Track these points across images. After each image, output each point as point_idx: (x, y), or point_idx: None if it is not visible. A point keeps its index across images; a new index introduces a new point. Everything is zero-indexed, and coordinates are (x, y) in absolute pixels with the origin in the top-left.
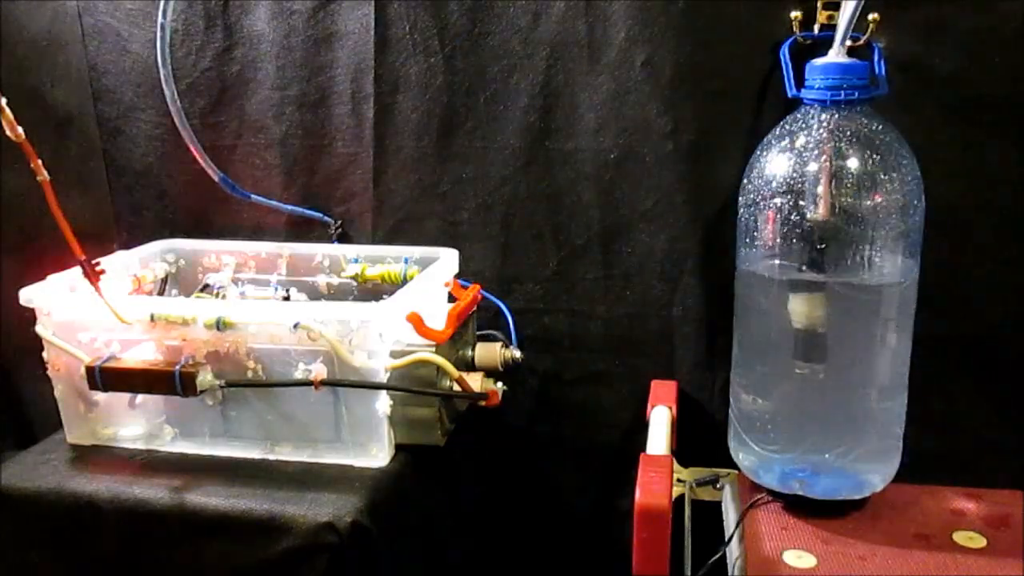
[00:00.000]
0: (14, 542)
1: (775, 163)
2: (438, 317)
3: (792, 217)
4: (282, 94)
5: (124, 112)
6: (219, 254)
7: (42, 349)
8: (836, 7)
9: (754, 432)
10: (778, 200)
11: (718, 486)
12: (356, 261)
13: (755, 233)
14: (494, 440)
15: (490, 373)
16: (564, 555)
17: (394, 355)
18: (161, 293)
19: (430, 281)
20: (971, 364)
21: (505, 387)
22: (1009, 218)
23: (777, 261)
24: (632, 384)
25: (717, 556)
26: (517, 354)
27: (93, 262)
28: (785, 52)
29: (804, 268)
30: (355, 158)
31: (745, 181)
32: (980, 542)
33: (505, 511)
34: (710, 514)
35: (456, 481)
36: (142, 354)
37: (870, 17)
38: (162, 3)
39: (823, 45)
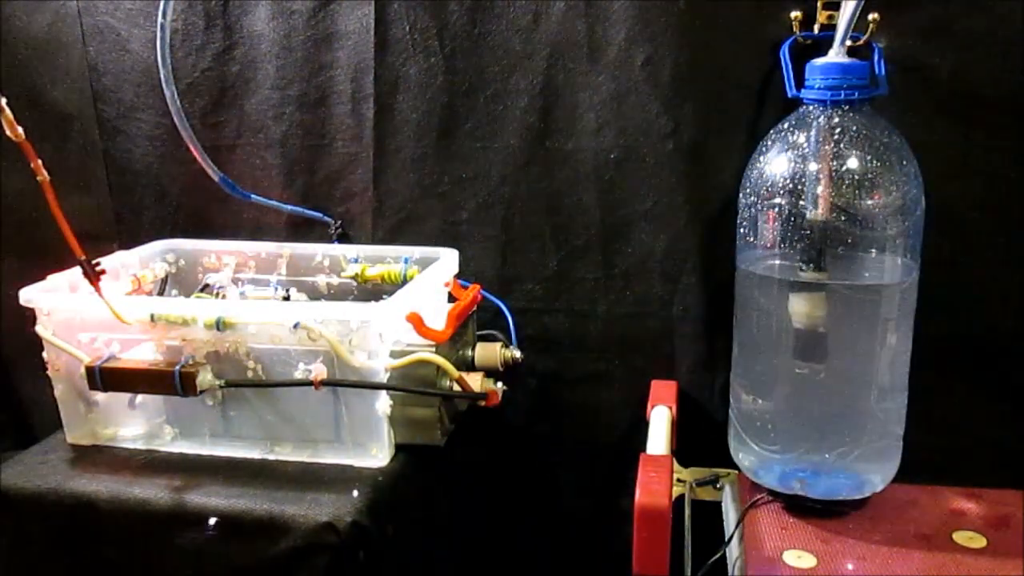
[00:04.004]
0: (14, 542)
1: (775, 163)
2: (438, 317)
3: (792, 217)
4: (282, 94)
5: (124, 112)
6: (219, 254)
7: (42, 349)
8: (836, 7)
9: (754, 432)
10: (778, 200)
11: (718, 486)
12: (356, 261)
13: (755, 233)
14: (494, 440)
15: (490, 373)
16: (564, 555)
17: (394, 355)
18: (161, 293)
19: (430, 281)
20: (971, 364)
21: (505, 387)
22: (1009, 218)
23: (777, 261)
24: (632, 384)
25: (717, 556)
26: (517, 354)
27: (93, 262)
28: (785, 52)
29: (804, 268)
30: (355, 158)
31: (745, 181)
32: (980, 542)
33: (505, 511)
34: (710, 514)
35: (456, 481)
36: (142, 354)
37: (870, 17)
38: (162, 3)
39: (823, 45)
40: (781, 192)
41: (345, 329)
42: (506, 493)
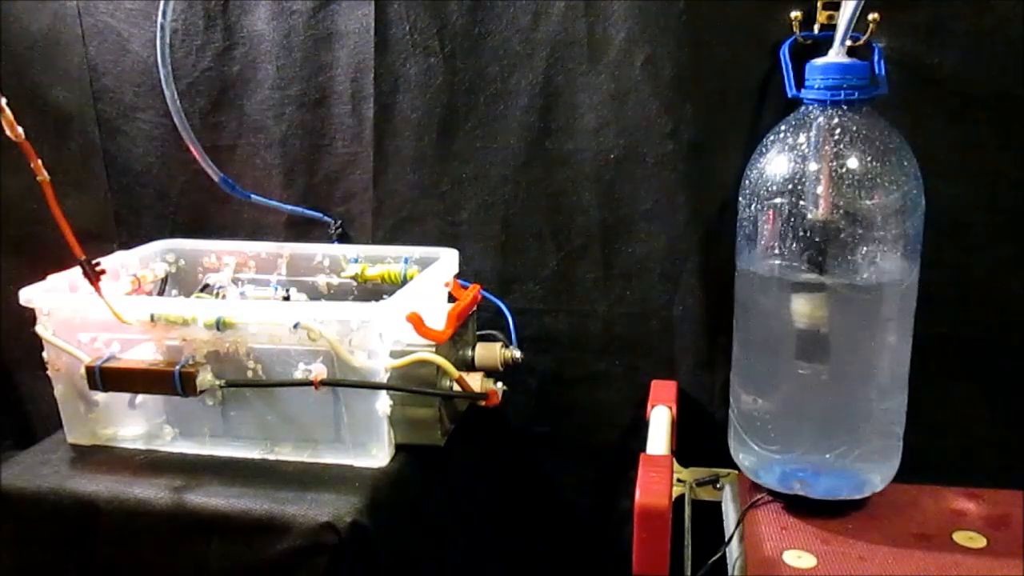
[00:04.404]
0: (14, 542)
1: (775, 163)
2: (438, 317)
3: (792, 217)
4: (282, 94)
5: (124, 112)
6: (219, 254)
7: (42, 349)
8: (836, 7)
9: (754, 432)
10: (778, 200)
11: (718, 486)
12: (356, 261)
13: (755, 233)
14: (494, 440)
15: (490, 373)
16: (564, 555)
17: (394, 355)
18: (161, 293)
19: (430, 281)
20: (971, 364)
21: (505, 387)
22: (1009, 218)
23: (777, 261)
24: (632, 384)
25: (717, 556)
26: (517, 354)
27: (93, 262)
28: (785, 52)
29: (804, 268)
30: (355, 158)
31: (745, 181)
32: (980, 542)
33: (505, 511)
34: (710, 514)
35: (456, 481)
36: (142, 354)
37: (870, 17)
38: (162, 3)
39: (823, 45)
40: (781, 192)
41: (345, 329)
42: (506, 493)
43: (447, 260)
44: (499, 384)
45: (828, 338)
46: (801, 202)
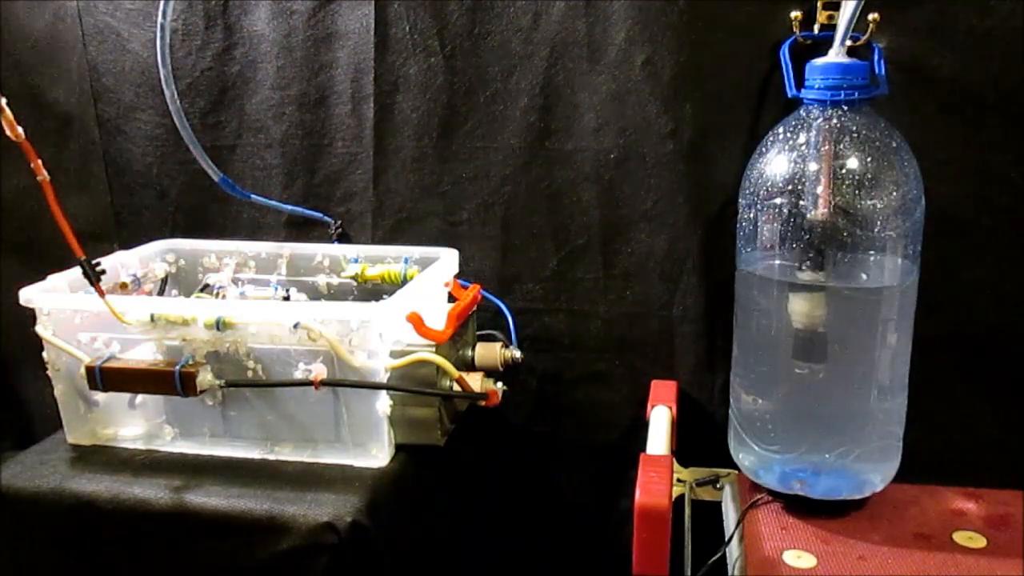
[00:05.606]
0: (14, 542)
1: (775, 163)
2: (438, 317)
3: (792, 217)
4: (282, 94)
5: (124, 112)
6: (219, 254)
7: (42, 349)
8: (836, 7)
9: (754, 432)
10: (778, 200)
11: (718, 486)
12: (356, 261)
13: (755, 233)
14: (494, 440)
15: (490, 373)
16: (564, 555)
17: (394, 355)
18: (161, 293)
19: (430, 281)
20: (971, 364)
21: (505, 387)
22: (1009, 218)
23: (777, 261)
24: (632, 384)
25: (717, 556)
26: (517, 354)
27: (93, 262)
28: (785, 52)
29: (804, 268)
30: (355, 158)
31: (745, 181)
32: (980, 542)
33: (505, 511)
34: (710, 514)
35: (456, 481)
36: (142, 354)
37: (870, 17)
38: (162, 3)
39: (823, 45)
40: (781, 192)
41: (345, 329)
42: (506, 493)
43: (447, 260)
44: (499, 384)
45: (828, 338)
46: (801, 202)
